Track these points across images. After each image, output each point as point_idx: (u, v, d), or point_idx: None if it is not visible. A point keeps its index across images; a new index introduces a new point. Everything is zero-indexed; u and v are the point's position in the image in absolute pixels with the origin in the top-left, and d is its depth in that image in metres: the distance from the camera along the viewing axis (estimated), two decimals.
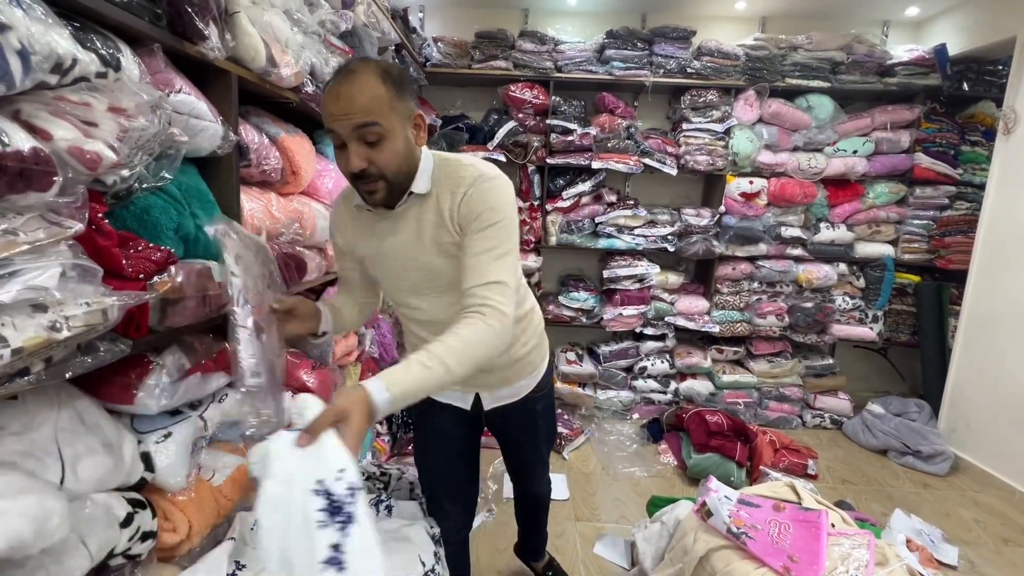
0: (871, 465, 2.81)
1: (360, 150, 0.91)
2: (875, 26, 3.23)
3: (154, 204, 0.90)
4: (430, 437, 1.29)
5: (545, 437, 1.42)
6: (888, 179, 3.10)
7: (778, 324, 3.20)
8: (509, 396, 1.24)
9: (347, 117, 0.89)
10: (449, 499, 1.33)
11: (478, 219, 0.96)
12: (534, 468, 1.48)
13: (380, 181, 0.94)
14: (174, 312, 0.88)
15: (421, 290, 1.08)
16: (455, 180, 0.99)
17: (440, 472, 1.31)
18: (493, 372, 1.16)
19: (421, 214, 1.01)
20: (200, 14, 0.90)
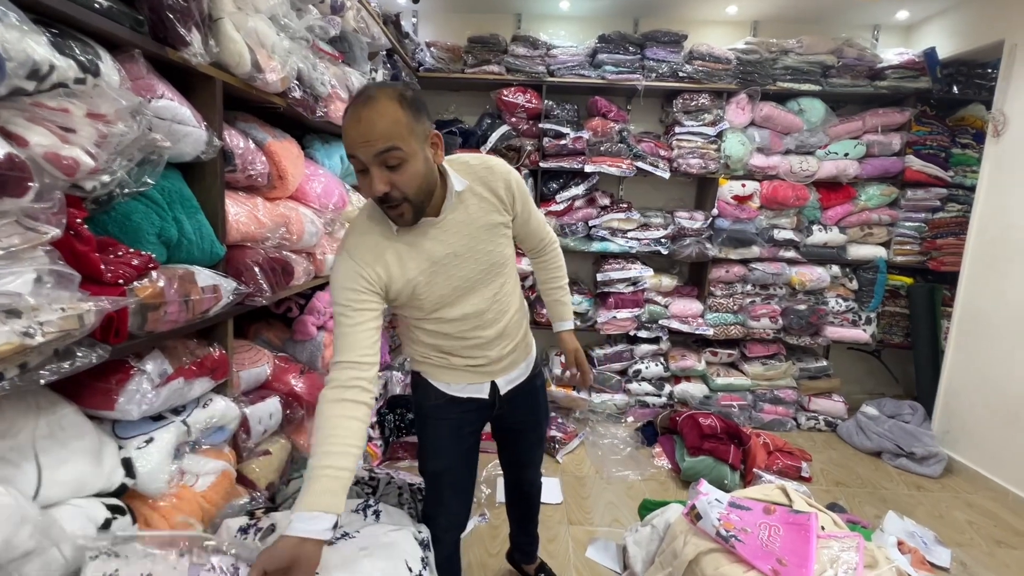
0: (865, 467, 2.81)
1: (382, 175, 0.95)
2: (865, 30, 3.25)
3: (135, 209, 0.90)
4: (444, 437, 1.30)
5: (544, 416, 1.51)
6: (880, 181, 3.11)
7: (772, 326, 3.21)
8: (518, 377, 1.35)
9: (368, 144, 0.93)
10: (453, 492, 1.35)
11: (525, 196, 1.23)
12: (536, 450, 1.55)
13: (404, 204, 0.99)
14: (155, 317, 0.88)
15: (475, 286, 1.17)
16: (482, 174, 1.14)
17: (450, 468, 1.33)
18: (513, 353, 1.30)
19: (466, 209, 1.12)
20: (182, 20, 0.90)
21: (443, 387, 1.28)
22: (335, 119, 1.63)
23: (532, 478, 1.58)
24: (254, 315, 1.64)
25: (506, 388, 1.32)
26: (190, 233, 1.00)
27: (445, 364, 1.25)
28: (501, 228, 1.18)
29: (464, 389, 1.28)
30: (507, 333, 1.27)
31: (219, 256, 1.09)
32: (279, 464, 1.36)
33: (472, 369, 1.26)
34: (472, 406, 1.30)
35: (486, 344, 1.24)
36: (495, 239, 1.17)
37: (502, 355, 1.27)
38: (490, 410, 1.33)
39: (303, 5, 1.46)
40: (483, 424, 1.38)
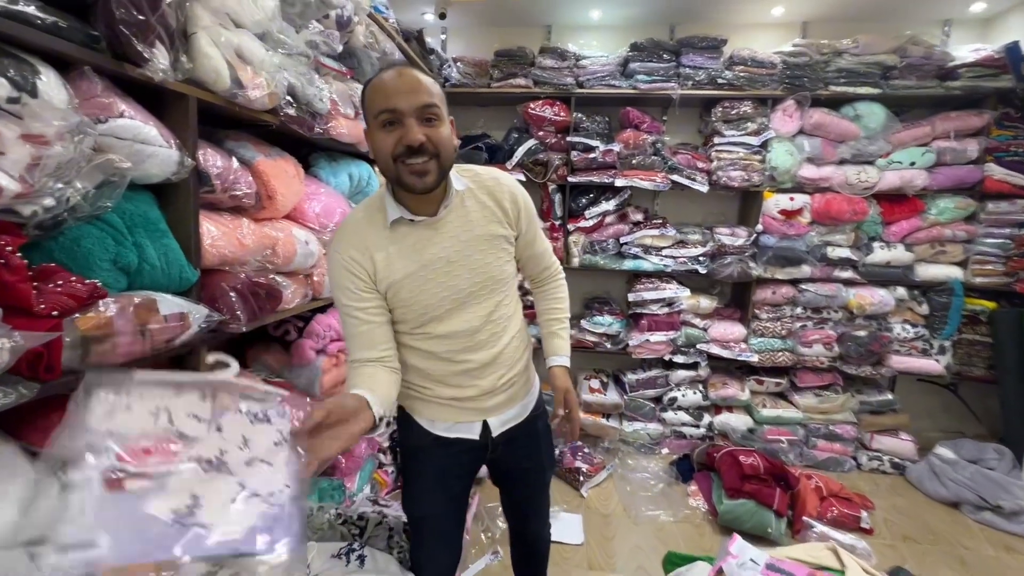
0: (940, 520, 2.44)
1: (420, 127, 0.94)
2: (934, 26, 2.93)
3: (87, 234, 0.85)
4: (427, 481, 1.20)
5: (548, 461, 1.34)
6: (953, 193, 2.76)
7: (826, 354, 2.89)
8: (515, 417, 1.21)
9: (413, 94, 0.93)
10: (436, 540, 1.24)
11: (532, 217, 1.16)
12: (539, 500, 1.37)
13: (433, 160, 0.96)
14: (101, 350, 0.82)
15: (467, 299, 1.07)
16: (487, 183, 1.10)
17: (433, 517, 1.21)
18: (509, 387, 1.17)
19: (466, 214, 1.06)
20: (140, 36, 0.85)
21: (427, 425, 1.17)
22: (338, 136, 1.58)
23: (536, 531, 1.39)
24: (253, 338, 1.60)
25: (500, 429, 1.18)
26: (153, 258, 0.95)
27: (431, 396, 1.14)
28: (502, 242, 1.10)
29: (451, 429, 1.16)
30: (502, 361, 1.14)
31: (190, 281, 1.04)
32: None
33: (460, 404, 1.14)
34: (461, 448, 1.17)
35: (477, 371, 1.12)
36: (494, 251, 1.09)
37: (495, 386, 1.14)
38: (482, 452, 1.20)
39: (303, 22, 1.42)
40: (475, 468, 1.25)
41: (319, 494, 1.65)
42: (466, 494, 1.27)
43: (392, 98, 0.93)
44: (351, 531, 1.33)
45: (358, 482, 1.92)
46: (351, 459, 1.88)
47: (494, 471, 1.31)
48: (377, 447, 2.12)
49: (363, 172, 1.85)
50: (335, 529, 1.29)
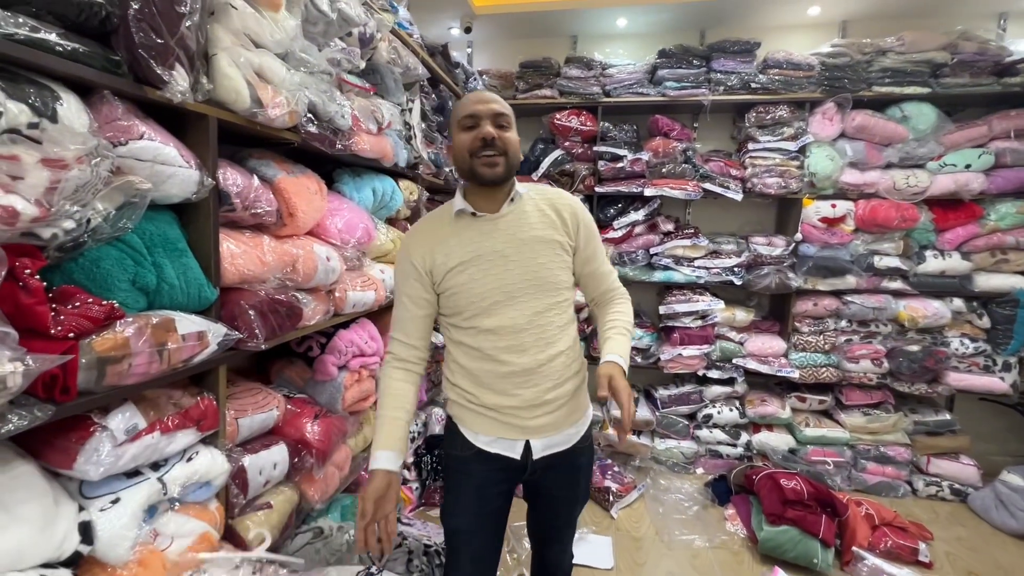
0: (1008, 553, 2.22)
1: (493, 129, 1.10)
2: (987, 20, 2.75)
3: (106, 256, 0.85)
4: (466, 495, 1.21)
5: (583, 495, 1.32)
6: (1015, 197, 2.56)
7: (875, 370, 2.71)
8: (559, 444, 1.19)
9: (490, 104, 1.12)
10: (470, 556, 1.24)
11: (593, 235, 1.21)
12: (564, 530, 1.34)
13: (502, 157, 1.10)
14: (117, 371, 0.82)
15: (516, 295, 1.12)
16: (550, 195, 1.20)
17: (468, 529, 1.22)
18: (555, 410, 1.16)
19: (524, 216, 1.15)
20: (159, 59, 0.86)
21: (471, 437, 1.19)
22: (360, 151, 1.59)
23: (556, 559, 1.36)
24: (277, 354, 1.61)
25: (542, 453, 1.17)
26: (172, 278, 0.95)
27: (476, 405, 1.17)
28: (558, 247, 1.16)
29: (493, 444, 1.16)
30: (546, 372, 1.14)
31: (209, 300, 1.04)
32: (281, 518, 1.27)
33: (503, 415, 1.14)
34: (500, 465, 1.17)
35: (520, 377, 1.13)
36: (548, 254, 1.15)
37: (538, 400, 1.13)
38: (521, 473, 1.19)
39: (325, 40, 1.43)
40: (513, 487, 1.25)
41: (342, 512, 1.63)
42: (503, 514, 1.26)
43: (471, 106, 1.12)
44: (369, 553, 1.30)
45: None
46: None
47: (527, 489, 1.31)
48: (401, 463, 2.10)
49: (387, 187, 1.85)
50: (353, 551, 1.27)
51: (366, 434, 1.76)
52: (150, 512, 0.95)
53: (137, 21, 0.82)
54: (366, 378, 1.67)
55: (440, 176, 2.43)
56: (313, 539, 1.29)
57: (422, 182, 2.21)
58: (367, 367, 1.67)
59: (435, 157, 2.32)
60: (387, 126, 1.74)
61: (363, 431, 1.75)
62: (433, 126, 2.38)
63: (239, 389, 1.29)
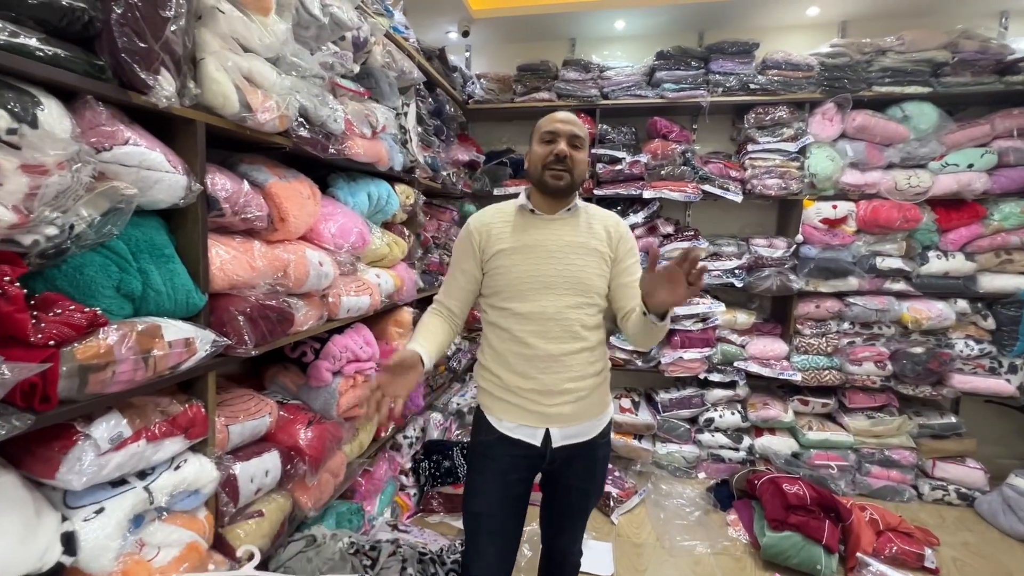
0: (1018, 560, 2.18)
1: (568, 147, 1.24)
2: (989, 19, 2.73)
3: (90, 262, 0.85)
4: (488, 478, 1.29)
5: (597, 490, 1.39)
6: (1019, 196, 2.53)
7: (878, 372, 2.68)
8: (577, 435, 1.27)
9: (569, 125, 1.26)
10: (490, 539, 1.30)
11: (632, 252, 1.31)
12: (575, 521, 1.40)
13: (568, 173, 1.24)
14: (99, 378, 0.81)
15: (551, 284, 1.23)
16: (603, 215, 1.34)
17: (489, 513, 1.29)
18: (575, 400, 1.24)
19: (575, 224, 1.29)
20: (143, 63, 0.86)
21: (495, 422, 1.28)
22: (354, 156, 1.58)
23: (564, 548, 1.41)
24: (270, 359, 1.60)
25: (561, 442, 1.26)
26: (158, 284, 0.94)
27: (501, 389, 1.27)
28: (598, 256, 1.27)
29: (515, 430, 1.26)
30: (569, 364, 1.24)
31: (198, 306, 1.03)
32: (273, 527, 1.26)
33: (525, 397, 1.24)
34: (522, 451, 1.26)
35: (544, 360, 1.23)
36: (588, 260, 1.26)
37: (558, 388, 1.23)
38: (541, 461, 1.28)
39: (318, 44, 1.43)
40: (533, 476, 1.32)
41: (336, 519, 1.61)
42: (523, 502, 1.33)
43: (552, 124, 1.26)
44: (363, 562, 1.29)
45: (378, 505, 1.89)
46: (371, 481, 1.85)
47: (545, 479, 1.38)
48: (398, 469, 2.08)
49: (382, 191, 1.84)
50: (346, 560, 1.25)
51: (362, 440, 1.75)
52: (136, 522, 0.93)
53: (120, 25, 0.81)
54: (361, 384, 1.66)
55: (437, 180, 2.43)
56: (306, 547, 1.28)
57: (419, 186, 2.20)
58: (362, 372, 1.66)
59: (432, 161, 2.31)
60: (382, 130, 1.74)
61: (359, 437, 1.74)
62: (430, 130, 2.37)
63: (230, 396, 1.28)
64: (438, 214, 2.71)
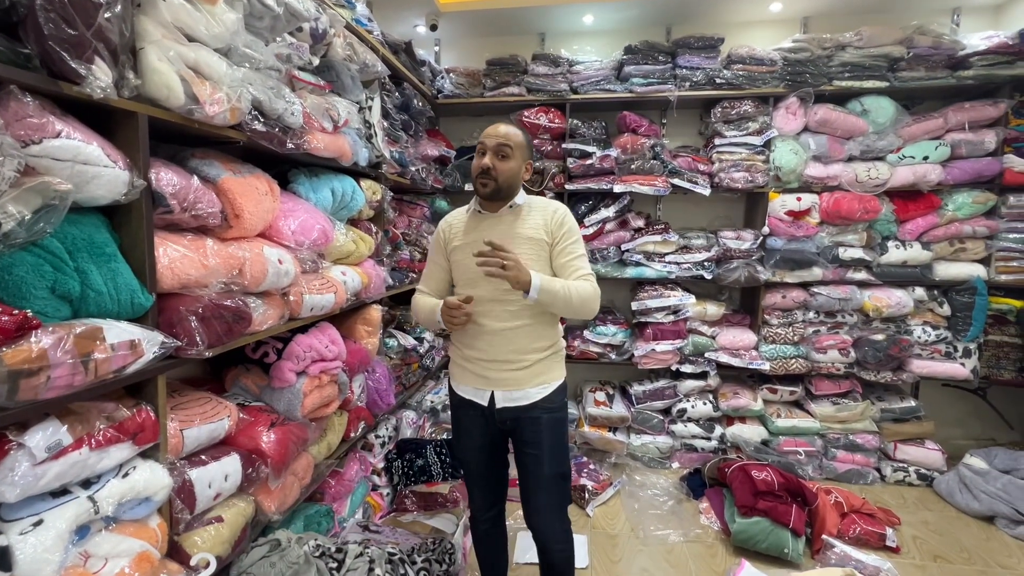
0: (973, 536, 2.28)
1: (492, 158, 1.44)
2: (942, 15, 2.82)
3: (20, 262, 0.80)
4: (460, 432, 1.59)
5: (548, 456, 1.47)
6: (971, 187, 2.63)
7: (842, 360, 2.76)
8: (519, 399, 1.47)
9: (495, 139, 1.45)
10: (476, 486, 1.60)
11: (568, 233, 1.48)
12: (539, 495, 1.50)
13: (492, 181, 1.44)
14: (32, 384, 0.77)
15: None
16: (544, 205, 1.52)
17: (467, 463, 1.61)
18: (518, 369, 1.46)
19: (517, 219, 1.49)
20: (74, 52, 0.81)
21: (456, 387, 1.57)
22: (314, 151, 1.54)
23: (541, 529, 1.50)
24: (231, 361, 1.55)
25: (503, 403, 1.47)
26: (99, 284, 0.90)
27: (459, 358, 1.54)
28: (534, 243, 1.46)
29: (468, 391, 1.52)
30: (511, 338, 1.45)
31: (144, 307, 0.99)
32: (234, 532, 1.22)
33: (475, 364, 1.49)
34: (476, 411, 1.51)
35: (489, 335, 1.46)
36: (529, 251, 1.44)
37: (500, 357, 1.46)
38: (491, 419, 1.49)
39: (272, 35, 1.38)
40: (496, 433, 1.53)
41: (305, 522, 1.58)
42: (494, 450, 1.57)
43: (484, 137, 1.47)
44: (328, 564, 1.26)
45: (349, 507, 1.85)
46: (341, 483, 1.81)
47: (514, 449, 1.55)
48: (370, 469, 2.05)
49: (347, 187, 1.80)
50: (311, 563, 1.22)
51: (330, 441, 1.71)
52: (80, 533, 0.89)
53: (45, 11, 0.77)
54: (327, 383, 1.62)
55: (405, 175, 2.39)
56: (269, 552, 1.25)
57: (386, 182, 2.16)
58: (328, 372, 1.62)
59: (399, 156, 2.28)
60: (344, 124, 1.70)
61: (327, 438, 1.70)
62: (397, 125, 2.34)
63: (185, 399, 1.23)
64: (408, 210, 2.67)
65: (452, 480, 2.20)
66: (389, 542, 1.60)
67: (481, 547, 1.68)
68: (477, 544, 1.68)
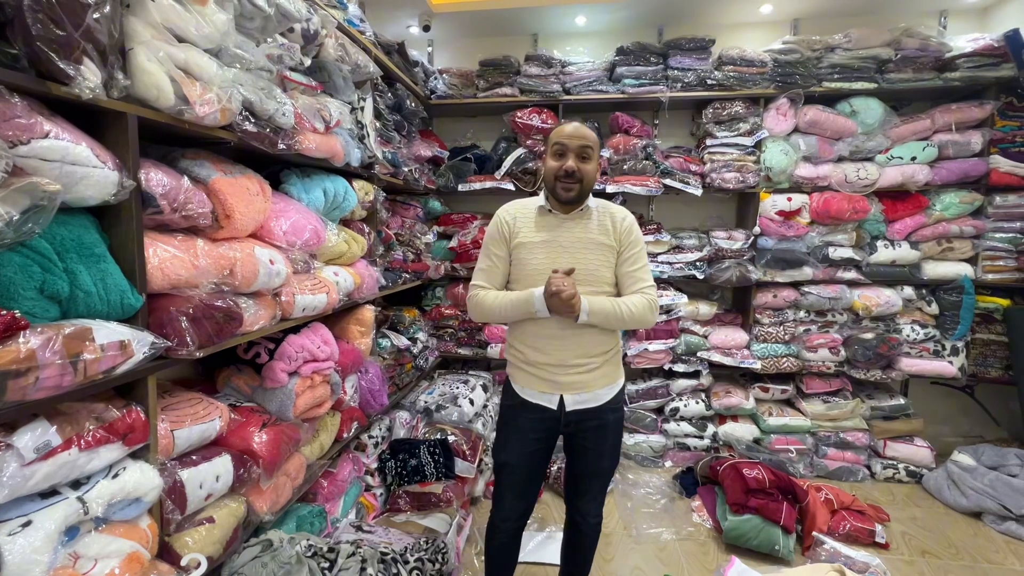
0: (960, 531, 2.31)
1: (576, 161, 1.42)
2: (929, 17, 2.86)
3: (8, 262, 0.80)
4: (511, 434, 1.52)
5: (609, 452, 1.53)
6: (958, 187, 2.66)
7: (832, 358, 2.79)
8: (588, 401, 1.47)
9: (578, 139, 1.42)
10: (512, 491, 1.55)
11: (635, 243, 1.48)
12: (592, 483, 1.55)
13: (577, 184, 1.42)
14: (20, 385, 0.77)
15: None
16: (613, 211, 1.51)
17: (510, 466, 1.52)
18: (587, 372, 1.45)
19: (587, 223, 1.48)
20: (62, 52, 0.81)
21: (519, 390, 1.52)
22: (306, 151, 1.54)
23: (583, 510, 1.57)
24: (223, 362, 1.55)
25: (573, 407, 1.46)
26: (88, 285, 0.90)
27: (523, 362, 1.50)
28: (606, 250, 1.46)
29: (535, 395, 1.48)
30: (580, 342, 1.44)
31: (134, 308, 0.99)
32: (225, 533, 1.22)
33: (542, 369, 1.46)
34: (540, 414, 1.48)
35: (558, 339, 1.44)
36: (598, 257, 1.45)
37: (569, 361, 1.44)
38: (557, 423, 1.48)
39: (264, 36, 1.38)
40: (551, 435, 1.52)
41: (297, 522, 1.58)
42: (542, 456, 1.54)
43: (562, 137, 1.43)
44: (320, 564, 1.26)
45: (342, 507, 1.86)
46: (333, 483, 1.81)
47: (565, 442, 1.56)
48: (363, 469, 2.05)
49: (339, 187, 1.80)
50: (303, 563, 1.22)
51: (322, 441, 1.71)
52: (70, 534, 0.89)
53: (33, 12, 0.77)
54: (319, 384, 1.62)
55: (398, 176, 2.39)
56: (261, 552, 1.25)
57: (378, 182, 2.16)
58: (320, 372, 1.62)
59: (392, 156, 2.28)
60: (336, 125, 1.70)
61: (319, 438, 1.70)
62: (390, 125, 2.34)
63: (176, 400, 1.23)
64: (401, 211, 2.67)
65: (446, 480, 2.21)
66: (382, 542, 1.60)
67: (498, 557, 1.60)
68: (493, 554, 1.60)
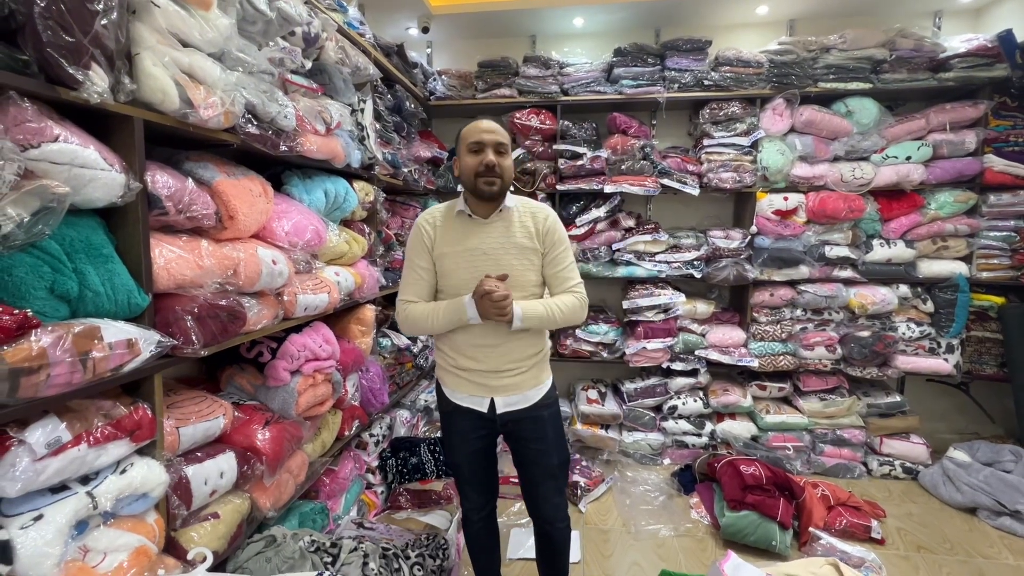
0: (955, 527, 2.33)
1: (495, 156, 1.39)
2: (924, 18, 2.88)
3: (20, 263, 0.82)
4: (454, 437, 1.54)
5: (554, 446, 1.52)
6: (953, 186, 2.69)
7: (829, 356, 2.81)
8: (518, 403, 1.47)
9: (493, 134, 1.40)
10: (470, 486, 1.58)
11: (559, 242, 1.46)
12: (547, 485, 1.54)
13: (498, 179, 1.39)
14: (32, 382, 0.79)
15: None
16: (534, 209, 1.48)
17: (461, 466, 1.56)
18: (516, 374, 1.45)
19: (508, 225, 1.44)
20: (71, 58, 0.84)
21: (450, 394, 1.52)
22: (307, 153, 1.56)
23: (549, 516, 1.55)
24: (226, 360, 1.57)
25: (504, 409, 1.46)
26: (96, 285, 0.92)
27: (453, 367, 1.49)
28: (530, 253, 1.43)
29: (466, 399, 1.48)
30: (509, 347, 1.43)
31: (141, 307, 1.01)
32: (229, 528, 1.24)
33: (472, 377, 1.46)
34: (475, 417, 1.48)
35: (487, 347, 1.43)
36: (521, 258, 1.42)
37: (501, 368, 1.44)
38: (492, 424, 1.48)
39: (265, 40, 1.40)
40: (492, 434, 1.53)
41: (300, 518, 1.60)
42: (488, 451, 1.56)
43: (477, 134, 1.40)
44: (323, 559, 1.28)
45: (343, 504, 1.88)
46: (335, 480, 1.83)
47: (507, 442, 1.56)
48: (365, 467, 2.07)
49: (339, 188, 1.82)
50: (306, 558, 1.25)
51: (324, 439, 1.74)
52: (79, 528, 0.91)
53: (44, 19, 0.79)
54: (321, 383, 1.65)
55: (398, 177, 2.42)
56: (265, 548, 1.27)
57: (378, 183, 2.19)
58: (322, 371, 1.64)
59: (392, 157, 2.30)
60: (336, 127, 1.72)
61: (321, 436, 1.72)
62: (389, 126, 2.36)
63: (181, 398, 1.25)
64: (401, 211, 2.69)
65: (446, 478, 2.23)
66: (383, 538, 1.62)
67: (475, 545, 1.67)
68: (471, 542, 1.67)
